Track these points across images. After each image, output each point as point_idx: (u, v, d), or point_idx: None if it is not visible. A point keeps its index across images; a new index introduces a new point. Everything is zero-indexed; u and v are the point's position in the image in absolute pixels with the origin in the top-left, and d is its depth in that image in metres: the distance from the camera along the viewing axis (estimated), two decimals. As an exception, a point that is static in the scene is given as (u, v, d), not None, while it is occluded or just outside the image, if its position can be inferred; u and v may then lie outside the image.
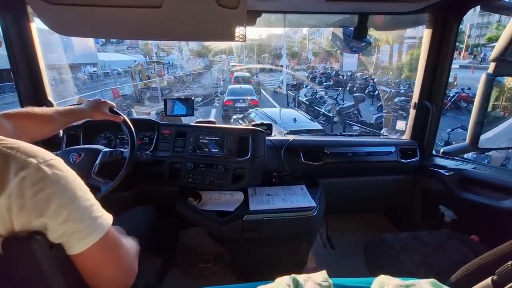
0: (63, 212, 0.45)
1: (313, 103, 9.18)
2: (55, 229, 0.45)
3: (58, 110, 0.94)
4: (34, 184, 0.43)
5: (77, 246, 0.47)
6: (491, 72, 1.12)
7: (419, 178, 1.55)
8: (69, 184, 0.47)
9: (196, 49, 29.29)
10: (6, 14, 1.16)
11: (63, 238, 0.46)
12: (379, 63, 14.45)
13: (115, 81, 17.46)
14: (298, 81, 15.30)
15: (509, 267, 0.48)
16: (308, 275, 0.61)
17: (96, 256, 0.50)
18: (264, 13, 1.26)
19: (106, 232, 0.50)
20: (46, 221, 0.44)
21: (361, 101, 8.02)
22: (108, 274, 0.53)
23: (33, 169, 0.44)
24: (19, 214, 0.42)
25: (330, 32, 1.61)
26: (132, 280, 0.58)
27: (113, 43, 33.01)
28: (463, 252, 1.06)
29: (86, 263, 0.50)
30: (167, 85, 14.38)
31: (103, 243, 0.50)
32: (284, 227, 1.16)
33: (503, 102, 1.51)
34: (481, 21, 26.71)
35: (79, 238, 0.47)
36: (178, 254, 1.56)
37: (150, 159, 1.28)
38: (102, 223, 0.50)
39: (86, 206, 0.49)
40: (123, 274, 0.56)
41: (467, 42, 25.11)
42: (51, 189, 0.45)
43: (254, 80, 15.60)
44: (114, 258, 0.54)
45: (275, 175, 1.38)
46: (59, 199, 0.45)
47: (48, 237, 0.46)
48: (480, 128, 1.19)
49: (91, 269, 0.51)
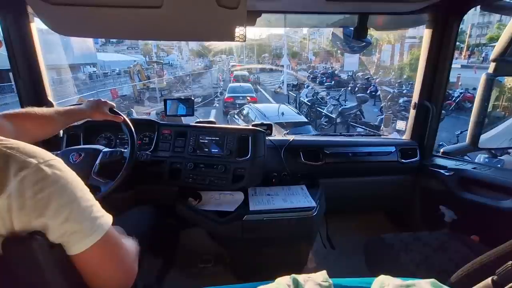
0: (63, 212, 0.45)
1: (314, 104, 8.92)
2: (56, 229, 0.45)
3: (58, 110, 0.94)
4: (34, 184, 0.43)
5: (77, 246, 0.47)
6: (491, 72, 1.12)
7: (419, 178, 1.55)
8: (69, 184, 0.47)
9: (196, 49, 29.32)
10: (6, 14, 1.16)
11: (63, 238, 0.46)
12: (380, 63, 14.22)
13: (114, 82, 17.37)
14: (299, 81, 15.04)
15: (509, 267, 0.48)
16: (308, 275, 0.61)
17: (96, 256, 0.50)
18: (264, 13, 1.26)
19: (106, 232, 0.50)
20: (46, 221, 0.44)
21: (364, 102, 7.81)
22: (108, 274, 0.53)
23: (33, 169, 0.44)
24: (19, 214, 0.42)
25: (330, 32, 1.61)
26: (132, 280, 0.58)
27: (113, 43, 33.04)
28: (463, 252, 1.06)
29: (86, 263, 0.50)
30: (166, 85, 14.30)
31: (103, 244, 0.50)
32: (284, 227, 1.16)
33: (504, 102, 1.51)
34: (482, 21, 26.58)
35: (79, 238, 0.47)
36: (178, 255, 1.55)
37: (150, 159, 1.28)
38: (102, 223, 0.50)
39: (86, 206, 0.49)
40: (123, 274, 0.56)
41: (469, 42, 24.96)
42: (51, 189, 0.45)
43: (252, 78, 16.44)
44: (114, 258, 0.54)
45: (275, 175, 1.38)
46: (59, 199, 0.45)
47: (48, 237, 0.46)
48: (480, 128, 1.19)
49: (91, 269, 0.51)
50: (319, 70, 20.79)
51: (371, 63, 13.22)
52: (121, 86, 13.85)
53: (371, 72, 14.26)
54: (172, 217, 1.36)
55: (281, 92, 14.38)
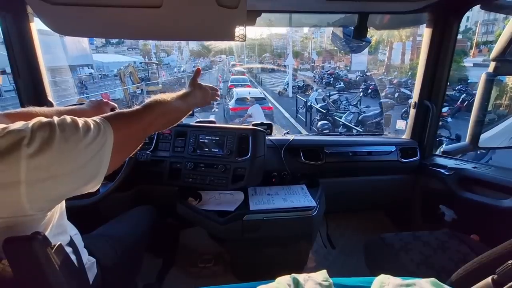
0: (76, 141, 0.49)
1: (329, 111, 7.51)
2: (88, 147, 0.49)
3: (60, 110, 0.93)
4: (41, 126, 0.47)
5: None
6: (491, 72, 1.12)
7: (419, 177, 1.55)
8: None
9: (196, 49, 29.25)
10: (6, 14, 1.16)
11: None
12: (390, 62, 13.37)
13: (111, 83, 16.81)
14: (305, 83, 14.23)
15: (509, 266, 0.48)
16: (308, 275, 0.61)
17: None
18: (264, 13, 1.26)
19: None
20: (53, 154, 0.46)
21: (390, 108, 6.74)
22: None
23: (38, 123, 0.47)
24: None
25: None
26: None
27: (113, 44, 33.02)
28: (464, 252, 1.06)
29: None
30: (162, 88, 13.55)
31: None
32: (284, 227, 1.16)
33: (506, 100, 1.52)
34: (488, 18, 25.98)
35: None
36: (178, 254, 1.56)
37: (150, 159, 1.28)
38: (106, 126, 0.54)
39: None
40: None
41: (477, 40, 24.31)
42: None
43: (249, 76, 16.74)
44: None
45: (275, 175, 1.38)
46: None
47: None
48: (480, 127, 1.19)
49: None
50: (325, 70, 19.66)
51: (375, 62, 12.58)
52: (113, 90, 12.80)
53: (379, 71, 13.54)
54: (172, 217, 1.37)
55: (285, 94, 13.43)
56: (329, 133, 3.86)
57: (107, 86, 16.00)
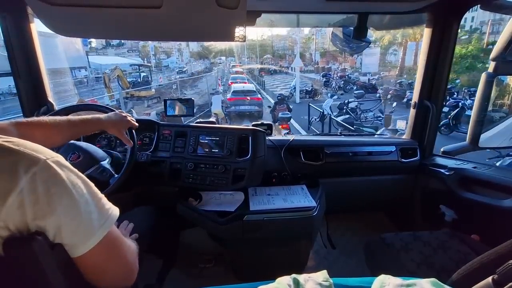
0: (75, 208, 0.46)
1: (353, 124, 6.22)
2: (67, 224, 0.46)
3: (72, 121, 0.90)
4: (46, 180, 0.44)
5: (86, 245, 0.48)
6: (491, 72, 1.12)
7: (420, 177, 1.55)
8: (77, 180, 0.49)
9: (196, 50, 29.20)
10: (6, 15, 1.16)
11: (73, 237, 0.47)
12: (404, 63, 12.28)
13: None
14: (314, 87, 13.03)
15: (509, 266, 0.48)
16: (308, 275, 0.61)
17: (103, 253, 0.51)
18: (264, 13, 1.26)
19: (111, 229, 0.51)
20: (59, 216, 0.45)
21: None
22: (113, 271, 0.54)
23: (42, 165, 0.45)
24: (33, 209, 0.43)
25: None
26: (134, 276, 0.59)
27: (114, 46, 33.01)
28: (464, 252, 1.06)
29: (93, 261, 0.51)
30: (155, 93, 12.61)
31: (108, 241, 0.51)
32: (284, 227, 1.16)
33: (507, 100, 1.52)
34: (493, 18, 25.30)
35: (89, 234, 0.48)
36: (178, 255, 1.55)
37: (150, 160, 1.28)
38: (111, 214, 0.52)
39: (97, 198, 0.51)
40: (126, 270, 0.57)
41: (488, 40, 23.39)
42: (62, 185, 0.46)
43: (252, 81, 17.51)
44: (120, 254, 0.55)
45: (275, 175, 1.38)
46: (71, 194, 0.46)
47: (59, 236, 0.46)
48: (480, 127, 1.19)
49: (95, 268, 0.52)
50: (334, 72, 17.77)
51: (390, 64, 11.68)
52: (102, 96, 11.34)
53: (391, 73, 12.19)
54: (172, 217, 1.37)
55: (292, 100, 12.05)
56: (329, 133, 3.86)
57: (99, 90, 14.63)
